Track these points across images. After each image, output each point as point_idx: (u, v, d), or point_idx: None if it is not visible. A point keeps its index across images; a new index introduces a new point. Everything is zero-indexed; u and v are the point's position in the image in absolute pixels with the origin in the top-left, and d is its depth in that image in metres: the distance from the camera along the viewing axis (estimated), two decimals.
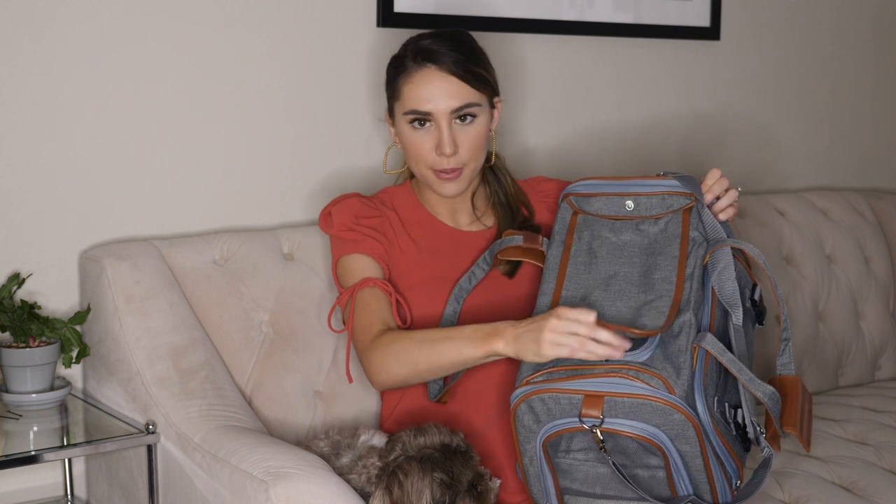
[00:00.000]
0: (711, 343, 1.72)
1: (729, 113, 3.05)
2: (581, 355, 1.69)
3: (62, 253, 2.18)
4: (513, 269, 2.07)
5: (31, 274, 2.14)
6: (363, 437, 1.89)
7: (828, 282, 2.89)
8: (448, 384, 2.00)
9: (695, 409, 1.68)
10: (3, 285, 2.05)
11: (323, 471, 1.76)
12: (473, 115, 2.02)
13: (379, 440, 1.88)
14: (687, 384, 1.68)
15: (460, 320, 2.02)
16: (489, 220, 2.15)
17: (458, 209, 2.15)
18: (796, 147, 3.20)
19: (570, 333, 1.70)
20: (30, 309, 2.04)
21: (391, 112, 2.09)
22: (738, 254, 1.91)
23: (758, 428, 1.77)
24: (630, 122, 2.87)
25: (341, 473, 1.80)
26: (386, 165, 2.19)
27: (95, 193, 2.20)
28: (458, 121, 2.01)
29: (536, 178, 2.27)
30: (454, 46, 2.02)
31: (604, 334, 1.69)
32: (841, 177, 3.29)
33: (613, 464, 1.71)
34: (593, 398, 1.68)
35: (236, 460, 1.81)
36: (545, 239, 1.99)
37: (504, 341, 1.79)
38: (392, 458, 1.77)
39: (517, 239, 2.01)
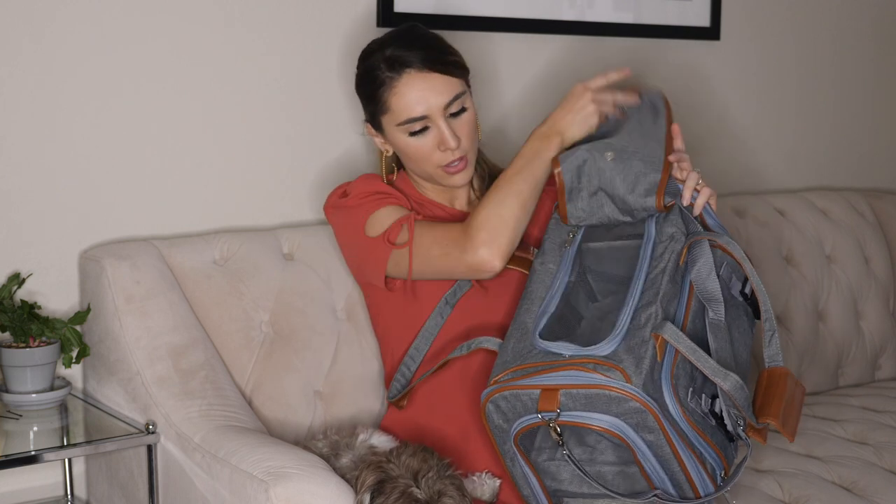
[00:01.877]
0: (670, 332, 1.70)
1: (729, 113, 3.05)
2: (618, 97, 1.99)
3: (62, 253, 2.18)
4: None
5: (31, 274, 2.14)
6: (362, 437, 1.89)
7: (828, 282, 2.89)
8: (410, 386, 2.02)
9: (659, 399, 1.67)
10: (3, 285, 2.05)
11: (323, 471, 1.76)
12: (463, 106, 2.03)
13: (378, 440, 1.88)
14: (646, 374, 1.66)
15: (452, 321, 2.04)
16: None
17: (456, 195, 2.16)
18: (796, 147, 3.20)
19: (593, 101, 1.98)
20: (30, 309, 2.04)
21: (376, 125, 2.08)
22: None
23: (735, 419, 1.76)
24: None
25: (341, 474, 1.80)
26: (384, 175, 2.16)
27: (95, 193, 2.20)
28: (452, 115, 2.02)
29: None
30: (419, 44, 2.02)
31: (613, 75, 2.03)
32: (841, 177, 3.29)
33: (569, 457, 1.71)
34: (549, 392, 1.68)
35: (236, 460, 1.81)
36: (535, 249, 2.01)
37: (561, 131, 1.98)
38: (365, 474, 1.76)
39: None
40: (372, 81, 2.03)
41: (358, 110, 2.46)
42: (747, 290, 1.87)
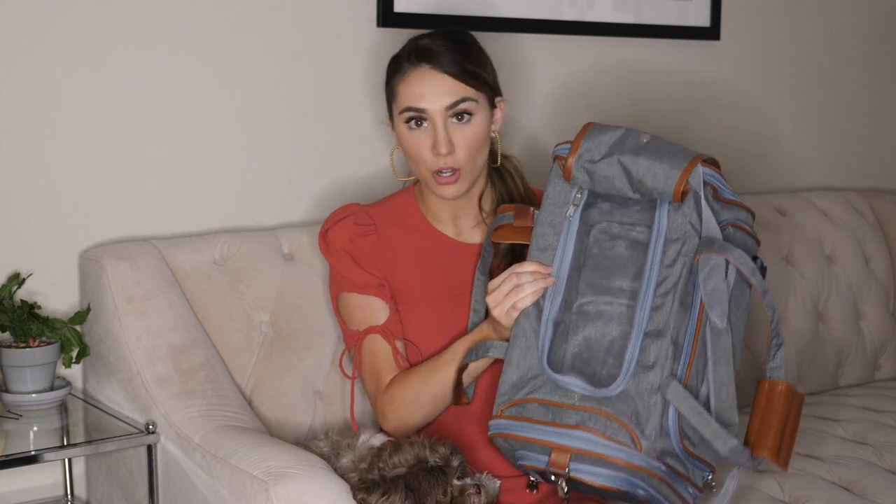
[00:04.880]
0: (674, 393, 1.69)
1: (728, 113, 3.05)
2: (527, 300, 1.80)
3: (62, 253, 2.18)
4: (512, 255, 2.03)
5: (31, 274, 2.14)
6: (363, 438, 1.89)
7: (828, 282, 2.89)
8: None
9: (667, 448, 1.69)
10: (3, 285, 2.05)
11: (323, 471, 1.76)
12: (469, 113, 1.98)
13: (379, 441, 1.88)
14: (655, 431, 1.69)
15: None
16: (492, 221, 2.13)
17: (461, 213, 2.10)
18: (796, 147, 3.20)
19: (505, 296, 1.82)
20: (30, 309, 2.04)
21: (391, 114, 2.07)
22: (743, 223, 1.83)
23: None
24: (630, 122, 2.87)
25: (342, 474, 1.80)
26: (395, 170, 2.16)
27: (95, 193, 2.20)
28: (454, 119, 1.98)
29: None
30: (451, 45, 2.00)
31: (527, 269, 1.82)
32: (841, 177, 3.29)
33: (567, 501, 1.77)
34: (561, 451, 1.72)
35: (236, 460, 1.81)
36: (536, 211, 1.92)
37: (487, 334, 1.91)
38: (367, 476, 1.77)
39: (507, 216, 1.96)
40: (394, 67, 2.03)
41: (358, 110, 2.46)
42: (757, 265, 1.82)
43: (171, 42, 2.24)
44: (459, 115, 1.98)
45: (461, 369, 1.91)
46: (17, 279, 2.07)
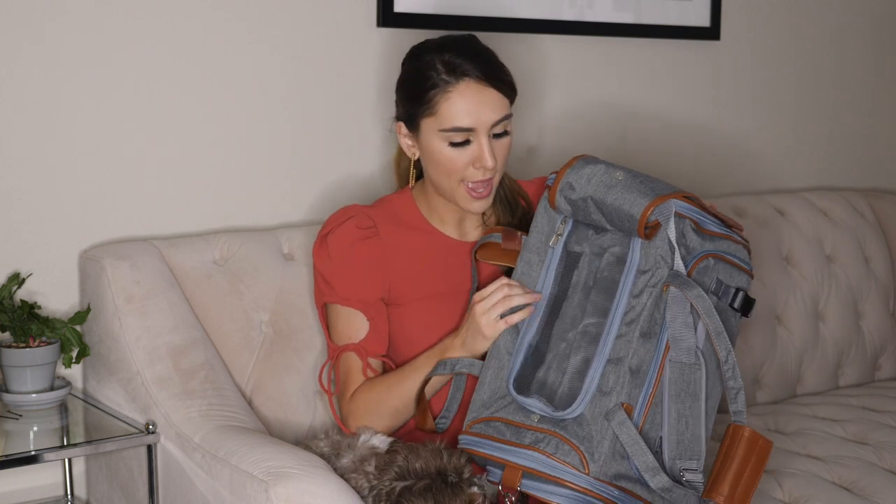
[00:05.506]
0: (618, 424, 1.72)
1: (729, 113, 3.05)
2: (516, 317, 1.86)
3: (62, 253, 2.18)
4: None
5: (31, 274, 2.14)
6: (363, 438, 1.89)
7: (828, 282, 2.89)
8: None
9: (619, 473, 1.73)
10: (3, 285, 2.05)
11: (323, 471, 1.76)
12: (506, 129, 2.00)
13: (379, 441, 1.88)
14: (606, 456, 1.72)
15: None
16: (493, 221, 2.13)
17: (466, 216, 2.11)
18: (796, 147, 3.20)
19: (493, 305, 1.87)
20: (30, 309, 2.04)
21: (413, 125, 2.02)
22: (729, 255, 1.85)
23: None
24: (630, 122, 2.87)
25: (342, 474, 1.80)
26: (412, 180, 2.13)
27: (95, 193, 2.20)
28: (493, 136, 1.98)
29: (541, 178, 2.24)
30: (481, 56, 1.99)
31: (516, 283, 1.88)
32: (841, 177, 3.29)
33: None
34: (513, 469, 1.78)
35: (236, 460, 1.81)
36: (525, 237, 1.97)
37: (454, 350, 1.93)
38: (386, 479, 1.77)
39: (495, 236, 2.01)
40: (423, 81, 1.97)
41: (358, 110, 2.46)
42: (736, 305, 1.85)
43: (172, 42, 2.24)
44: (499, 134, 1.99)
45: (425, 382, 1.95)
46: (17, 279, 2.07)
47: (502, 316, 1.88)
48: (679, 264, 1.78)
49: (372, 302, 2.04)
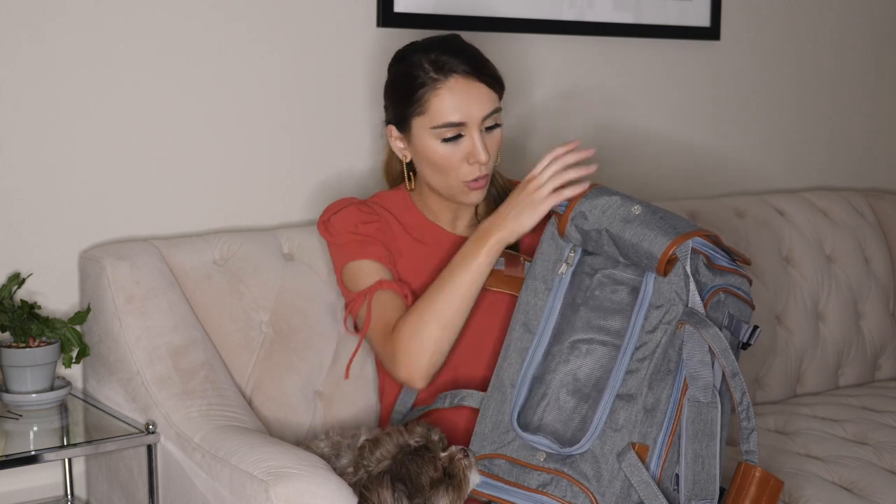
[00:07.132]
0: (629, 464, 1.70)
1: (729, 113, 3.05)
2: (568, 191, 1.87)
3: (62, 253, 2.18)
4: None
5: (31, 274, 2.14)
6: (363, 438, 1.89)
7: (828, 282, 2.89)
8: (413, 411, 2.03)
9: None
10: (3, 285, 2.05)
11: (323, 471, 1.76)
12: (497, 122, 2.02)
13: None
14: (617, 495, 1.70)
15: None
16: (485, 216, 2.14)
17: (460, 214, 2.13)
18: (796, 147, 3.20)
19: (549, 179, 1.89)
20: (30, 309, 2.04)
21: (404, 127, 2.04)
22: (735, 289, 1.83)
23: None
24: (629, 121, 2.87)
25: (342, 474, 1.80)
26: (408, 182, 2.12)
27: (95, 193, 2.20)
28: (485, 130, 1.99)
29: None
30: (466, 52, 2.01)
31: (571, 157, 1.90)
32: (841, 177, 3.29)
33: None
34: None
35: (236, 460, 1.81)
36: (527, 262, 1.96)
37: (498, 230, 1.92)
38: (356, 479, 1.77)
39: (499, 261, 1.99)
40: (412, 81, 1.99)
41: (358, 110, 2.46)
42: (752, 340, 1.81)
43: (171, 42, 2.24)
44: (490, 126, 2.00)
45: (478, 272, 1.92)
46: (17, 279, 2.07)
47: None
48: (696, 301, 1.74)
49: (388, 262, 2.05)
